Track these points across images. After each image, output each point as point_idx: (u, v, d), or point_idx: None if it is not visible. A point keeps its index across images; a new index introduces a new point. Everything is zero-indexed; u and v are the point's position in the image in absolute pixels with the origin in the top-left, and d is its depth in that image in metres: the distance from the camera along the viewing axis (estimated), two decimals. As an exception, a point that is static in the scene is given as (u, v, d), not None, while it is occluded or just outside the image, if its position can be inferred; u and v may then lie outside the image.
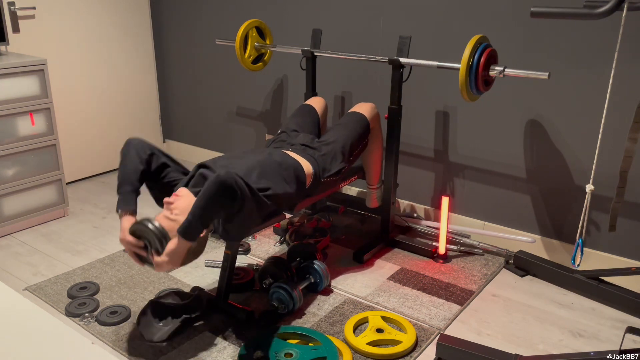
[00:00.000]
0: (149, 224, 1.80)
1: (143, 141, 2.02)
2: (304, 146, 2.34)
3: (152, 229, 1.79)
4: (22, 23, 3.13)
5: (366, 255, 2.60)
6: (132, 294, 2.32)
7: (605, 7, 1.79)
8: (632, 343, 2.05)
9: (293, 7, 3.12)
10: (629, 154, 2.03)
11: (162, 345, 2.00)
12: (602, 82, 2.27)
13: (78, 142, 3.54)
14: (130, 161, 1.97)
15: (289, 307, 2.15)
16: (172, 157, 2.10)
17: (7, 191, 2.80)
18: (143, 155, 1.99)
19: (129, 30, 3.66)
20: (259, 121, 3.53)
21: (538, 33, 2.39)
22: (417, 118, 2.84)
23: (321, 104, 2.67)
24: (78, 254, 2.68)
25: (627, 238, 2.37)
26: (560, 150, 2.47)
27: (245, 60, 2.92)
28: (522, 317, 2.21)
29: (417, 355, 1.97)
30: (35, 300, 2.28)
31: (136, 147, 1.99)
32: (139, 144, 2.00)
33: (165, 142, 4.10)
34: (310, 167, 2.22)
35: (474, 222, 2.79)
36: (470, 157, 2.73)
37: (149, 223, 1.81)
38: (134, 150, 1.98)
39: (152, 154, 2.02)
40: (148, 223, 1.81)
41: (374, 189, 2.70)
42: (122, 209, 1.92)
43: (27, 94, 2.79)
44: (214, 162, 2.08)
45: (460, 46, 2.55)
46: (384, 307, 2.25)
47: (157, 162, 2.03)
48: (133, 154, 1.98)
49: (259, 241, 2.79)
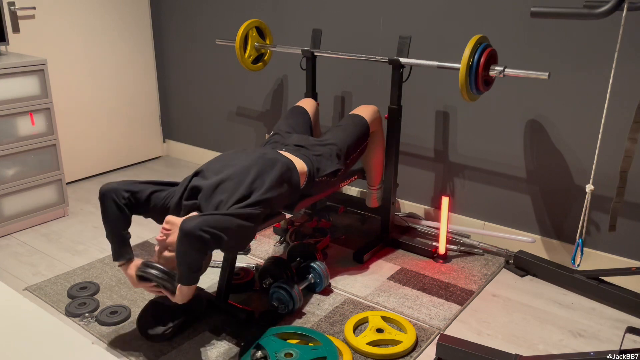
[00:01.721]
0: (151, 272, 1.84)
1: (117, 187, 1.96)
2: (297, 146, 2.34)
3: (157, 276, 1.84)
4: (22, 23, 3.13)
5: (366, 255, 2.60)
6: (132, 294, 2.32)
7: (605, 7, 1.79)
8: (632, 343, 2.05)
9: (293, 7, 3.12)
10: (629, 154, 2.03)
11: (162, 345, 2.00)
12: (602, 82, 2.27)
13: (78, 142, 3.54)
14: (109, 213, 1.94)
15: (289, 307, 2.15)
16: (154, 180, 2.07)
17: (7, 191, 2.80)
18: (121, 201, 1.95)
19: (129, 30, 3.66)
20: (259, 121, 3.53)
21: (538, 33, 2.39)
22: (417, 118, 2.84)
23: (312, 106, 2.67)
24: (78, 254, 2.68)
25: (627, 238, 2.37)
26: (560, 150, 2.47)
27: (245, 60, 2.92)
28: (522, 317, 2.21)
29: (417, 355, 1.97)
30: (35, 300, 2.28)
31: (112, 196, 1.94)
32: (115, 192, 1.94)
33: (165, 142, 4.11)
34: (304, 165, 2.22)
35: (474, 222, 2.79)
36: (470, 157, 2.73)
37: (151, 270, 1.84)
38: (110, 201, 1.94)
39: (130, 196, 1.97)
40: (150, 270, 1.84)
41: (374, 190, 2.70)
42: (119, 261, 1.96)
43: (27, 94, 2.79)
44: (207, 168, 2.07)
45: (460, 46, 2.55)
46: (384, 307, 2.25)
47: (141, 196, 1.99)
48: (110, 205, 1.94)
49: (259, 241, 2.79)
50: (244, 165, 2.04)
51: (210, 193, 1.95)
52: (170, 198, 2.02)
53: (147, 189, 2.02)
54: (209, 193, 1.95)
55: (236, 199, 1.91)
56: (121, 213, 1.95)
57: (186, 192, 1.99)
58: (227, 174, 2.00)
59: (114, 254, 1.96)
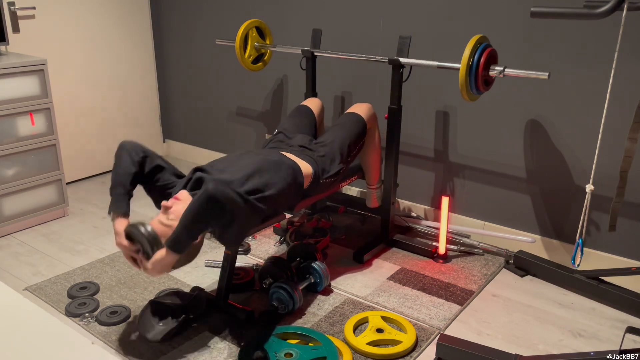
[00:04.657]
0: (141, 228, 1.80)
1: (136, 144, 2.02)
2: (302, 147, 2.34)
3: (144, 233, 1.79)
4: (22, 23, 3.13)
5: (366, 255, 2.60)
6: (132, 294, 2.32)
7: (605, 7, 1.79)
8: (632, 343, 2.05)
9: (293, 7, 3.12)
10: (629, 154, 2.03)
11: (162, 345, 2.00)
12: (602, 82, 2.27)
13: (78, 142, 3.54)
14: (122, 164, 1.97)
15: (289, 307, 2.15)
16: (166, 160, 2.10)
17: (7, 191, 2.80)
18: (136, 157, 1.98)
19: (129, 30, 3.66)
20: (259, 121, 3.53)
21: (538, 33, 2.39)
22: (417, 118, 2.84)
23: (318, 105, 2.67)
24: (78, 254, 2.68)
25: (627, 238, 2.37)
26: (560, 150, 2.47)
27: (245, 60, 2.92)
28: (522, 317, 2.21)
29: (417, 355, 1.97)
30: (35, 300, 2.28)
31: (129, 150, 1.99)
32: (132, 147, 2.00)
33: (165, 142, 4.11)
34: (310, 168, 2.22)
35: (474, 222, 2.79)
36: (470, 157, 2.73)
37: (142, 227, 1.80)
38: (127, 153, 1.98)
39: (145, 156, 2.02)
40: (140, 227, 1.80)
41: (373, 189, 2.70)
42: (114, 212, 1.92)
43: (27, 94, 2.79)
44: (211, 166, 2.07)
45: (460, 46, 2.55)
46: (384, 307, 2.25)
47: (151, 164, 2.03)
48: (125, 157, 1.98)
49: (259, 241, 2.79)
50: (248, 164, 2.04)
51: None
52: (174, 183, 2.04)
53: (157, 160, 2.06)
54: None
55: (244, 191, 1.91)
56: (132, 167, 1.97)
57: (191, 182, 2.00)
58: (231, 171, 2.00)
59: (111, 205, 1.93)
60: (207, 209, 1.75)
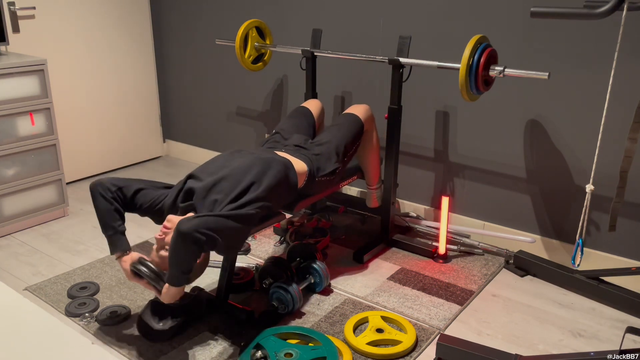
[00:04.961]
0: (141, 268, 1.88)
1: (105, 181, 2.01)
2: (297, 147, 2.34)
3: (145, 273, 1.87)
4: (22, 23, 3.13)
5: (366, 255, 2.60)
6: (132, 294, 2.32)
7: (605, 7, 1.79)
8: (632, 343, 2.05)
9: (293, 7, 3.12)
10: (629, 154, 2.03)
11: (162, 345, 2.00)
12: (602, 82, 2.27)
13: (78, 142, 3.54)
14: (100, 206, 1.98)
15: (289, 307, 2.15)
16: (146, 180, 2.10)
17: (7, 191, 2.80)
18: (109, 195, 1.98)
19: (129, 30, 3.66)
20: (259, 121, 3.53)
21: (538, 33, 2.39)
22: (417, 118, 2.84)
23: (317, 107, 2.67)
24: (78, 254, 2.68)
25: (627, 238, 2.37)
26: (560, 150, 2.47)
27: (245, 60, 2.92)
28: (522, 317, 2.21)
29: (417, 355, 1.97)
30: (35, 300, 2.28)
31: (100, 190, 1.98)
32: (102, 186, 1.99)
33: (165, 142, 4.11)
34: (304, 166, 2.21)
35: (474, 222, 2.79)
36: (470, 157, 2.73)
37: (142, 267, 1.88)
38: (99, 195, 1.98)
39: (119, 188, 2.01)
40: (141, 267, 1.88)
41: (373, 189, 2.70)
42: (114, 253, 1.97)
43: (27, 94, 2.79)
44: (202, 170, 2.07)
45: (460, 46, 2.55)
46: (384, 307, 2.25)
47: (129, 191, 2.02)
48: (99, 199, 1.98)
49: (259, 241, 2.79)
50: (239, 165, 2.03)
51: (205, 194, 1.95)
52: (164, 199, 2.03)
53: (134, 185, 2.04)
54: (204, 194, 1.95)
55: (231, 199, 1.91)
56: (109, 205, 1.97)
57: (181, 194, 2.00)
58: (222, 174, 2.00)
59: (110, 246, 1.98)
60: (186, 248, 1.76)
